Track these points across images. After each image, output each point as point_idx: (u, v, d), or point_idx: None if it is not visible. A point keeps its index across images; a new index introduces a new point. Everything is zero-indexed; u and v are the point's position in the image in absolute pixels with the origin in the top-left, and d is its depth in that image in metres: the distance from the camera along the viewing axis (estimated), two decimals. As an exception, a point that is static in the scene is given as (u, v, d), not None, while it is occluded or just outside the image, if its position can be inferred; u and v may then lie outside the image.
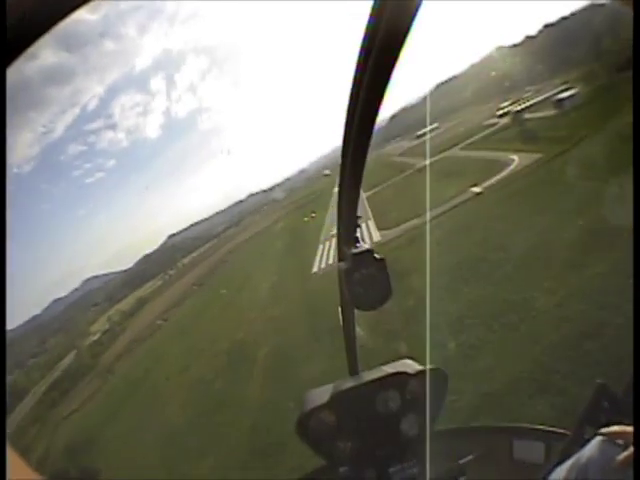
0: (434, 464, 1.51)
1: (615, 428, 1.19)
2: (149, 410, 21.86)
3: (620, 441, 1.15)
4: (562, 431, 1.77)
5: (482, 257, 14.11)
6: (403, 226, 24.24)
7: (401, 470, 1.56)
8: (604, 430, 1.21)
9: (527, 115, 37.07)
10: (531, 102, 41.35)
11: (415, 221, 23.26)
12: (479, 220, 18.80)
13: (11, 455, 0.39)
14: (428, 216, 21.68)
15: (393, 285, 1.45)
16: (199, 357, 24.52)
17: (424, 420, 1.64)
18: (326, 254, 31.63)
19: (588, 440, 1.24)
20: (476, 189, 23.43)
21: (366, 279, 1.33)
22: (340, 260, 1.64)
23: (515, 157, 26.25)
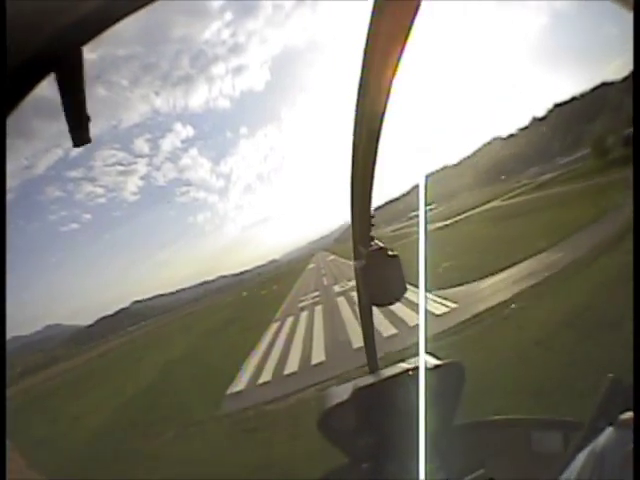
0: (453, 458, 1.34)
1: (630, 414, 1.02)
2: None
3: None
4: (580, 421, 1.37)
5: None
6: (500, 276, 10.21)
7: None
8: (620, 417, 1.03)
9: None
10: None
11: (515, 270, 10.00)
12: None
13: (11, 455, 0.34)
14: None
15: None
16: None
17: (444, 414, 1.51)
18: (284, 341, 11.68)
19: (602, 430, 1.05)
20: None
21: (382, 276, 1.22)
22: (355, 259, 1.37)
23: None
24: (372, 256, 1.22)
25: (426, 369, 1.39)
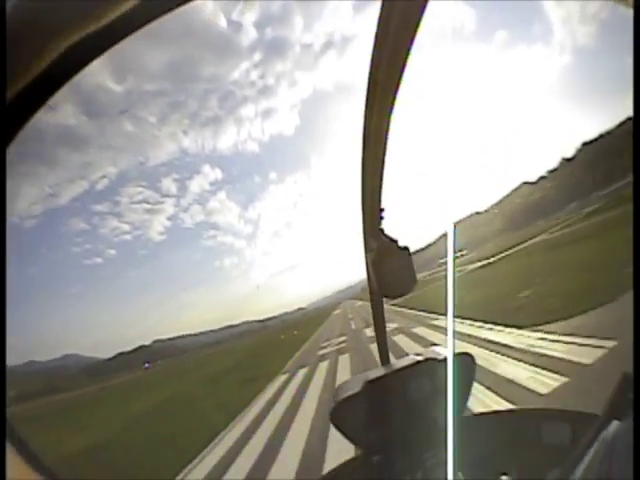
0: (461, 451, 1.00)
1: None
2: None
3: None
4: (593, 413, 1.04)
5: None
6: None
7: (433, 456, 1.22)
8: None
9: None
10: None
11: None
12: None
13: (11, 455, 0.38)
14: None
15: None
16: None
17: (454, 406, 1.10)
18: (285, 408, 7.34)
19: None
20: None
21: (393, 267, 1.18)
22: (366, 252, 1.31)
23: None
24: (382, 248, 1.20)
25: (436, 360, 1.29)
